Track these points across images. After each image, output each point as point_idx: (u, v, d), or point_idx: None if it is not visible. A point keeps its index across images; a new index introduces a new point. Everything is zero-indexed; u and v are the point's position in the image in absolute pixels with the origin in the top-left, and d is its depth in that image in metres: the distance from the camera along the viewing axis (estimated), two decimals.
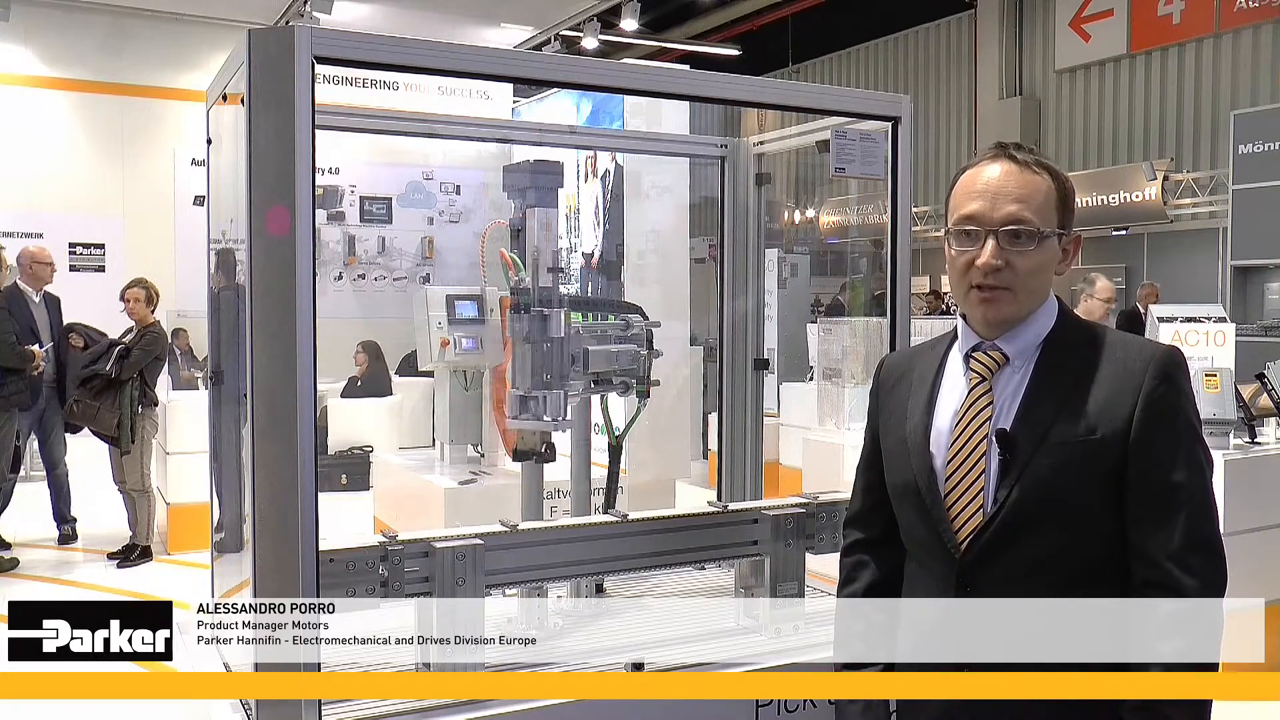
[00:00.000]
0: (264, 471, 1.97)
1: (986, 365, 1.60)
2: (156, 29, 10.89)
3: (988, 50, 16.25)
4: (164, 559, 6.40)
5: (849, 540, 1.83)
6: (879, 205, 13.36)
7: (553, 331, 2.60)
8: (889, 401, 1.74)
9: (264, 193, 1.95)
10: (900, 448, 1.66)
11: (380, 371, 9.10)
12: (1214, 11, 13.55)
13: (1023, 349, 1.60)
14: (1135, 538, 1.52)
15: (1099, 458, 1.51)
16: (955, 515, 1.57)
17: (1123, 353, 1.56)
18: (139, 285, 6.34)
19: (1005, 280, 1.56)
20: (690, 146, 4.04)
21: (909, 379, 1.71)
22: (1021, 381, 1.58)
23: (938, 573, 1.60)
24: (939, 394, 1.66)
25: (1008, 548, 1.53)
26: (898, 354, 1.85)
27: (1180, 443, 1.52)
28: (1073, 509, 1.52)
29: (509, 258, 2.64)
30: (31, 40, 10.60)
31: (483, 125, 4.25)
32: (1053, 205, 1.58)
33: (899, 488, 1.67)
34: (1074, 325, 1.63)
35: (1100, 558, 1.53)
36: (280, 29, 1.97)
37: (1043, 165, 1.60)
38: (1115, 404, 1.52)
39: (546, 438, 2.64)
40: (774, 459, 6.61)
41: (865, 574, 1.77)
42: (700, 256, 7.72)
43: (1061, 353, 1.58)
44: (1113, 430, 1.51)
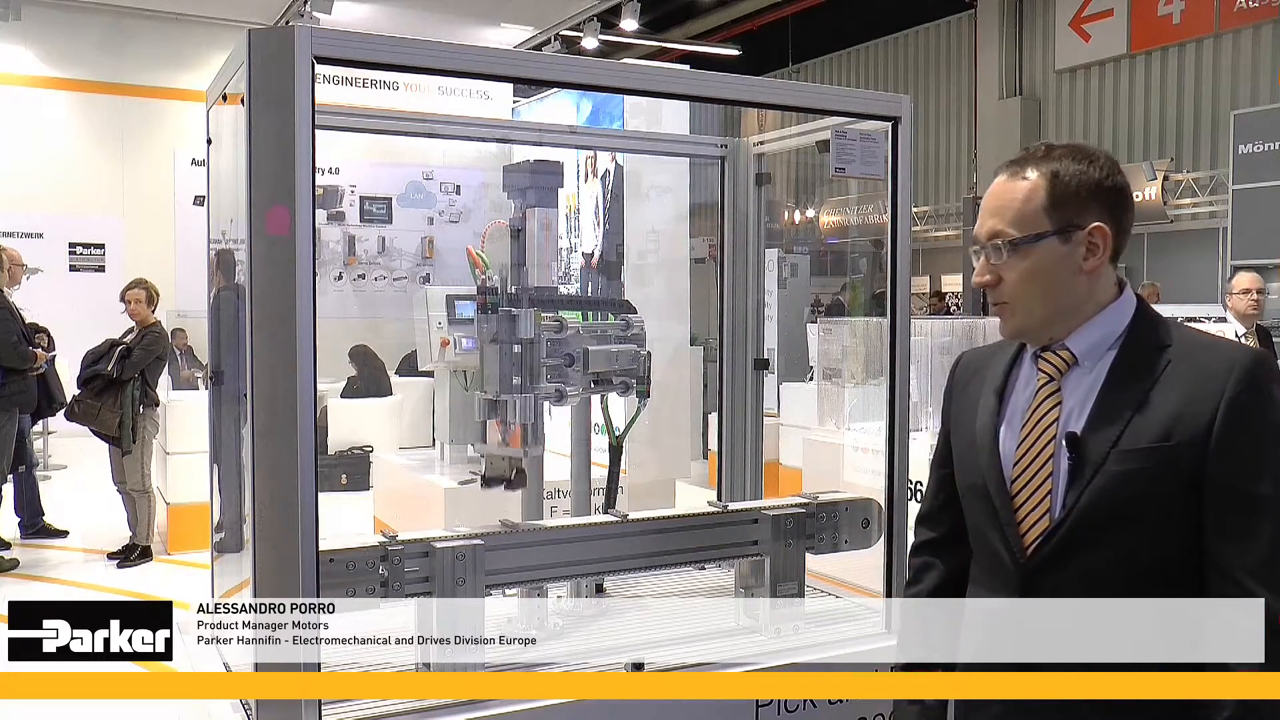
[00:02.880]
0: (264, 471, 1.97)
1: (1055, 365, 1.56)
2: (156, 29, 10.90)
3: (988, 50, 16.26)
4: (164, 559, 6.40)
5: (918, 540, 1.80)
6: (879, 205, 13.37)
7: (522, 332, 2.49)
8: (961, 399, 1.70)
9: (264, 193, 1.95)
10: (969, 448, 1.63)
11: (377, 373, 9.09)
12: (1214, 11, 13.55)
13: (1091, 348, 1.53)
14: (1212, 549, 1.45)
15: (1174, 465, 1.44)
16: (1022, 519, 1.53)
17: (1204, 355, 1.48)
18: (140, 286, 6.34)
19: (1000, 294, 1.55)
20: (690, 146, 4.04)
21: (982, 376, 1.67)
22: (1094, 383, 1.52)
23: (1002, 576, 1.56)
24: (1010, 393, 1.62)
25: (1074, 554, 1.49)
26: (974, 351, 1.79)
27: (1264, 452, 1.44)
28: (1143, 517, 1.46)
29: (475, 255, 2.62)
30: (32, 40, 10.60)
31: (483, 125, 4.25)
32: (1039, 207, 1.51)
33: (967, 488, 1.64)
34: (1151, 325, 1.54)
35: (1171, 569, 1.47)
36: (280, 29, 1.97)
37: (1041, 165, 1.53)
38: (1194, 409, 1.44)
39: (516, 463, 2.54)
40: (774, 459, 6.61)
41: (931, 575, 1.75)
42: (700, 256, 7.72)
43: (1137, 354, 1.51)
44: (1190, 436, 1.43)
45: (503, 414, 2.49)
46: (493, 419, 2.51)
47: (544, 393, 2.53)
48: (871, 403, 4.89)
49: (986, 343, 5.63)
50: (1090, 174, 1.52)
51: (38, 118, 10.61)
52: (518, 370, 2.50)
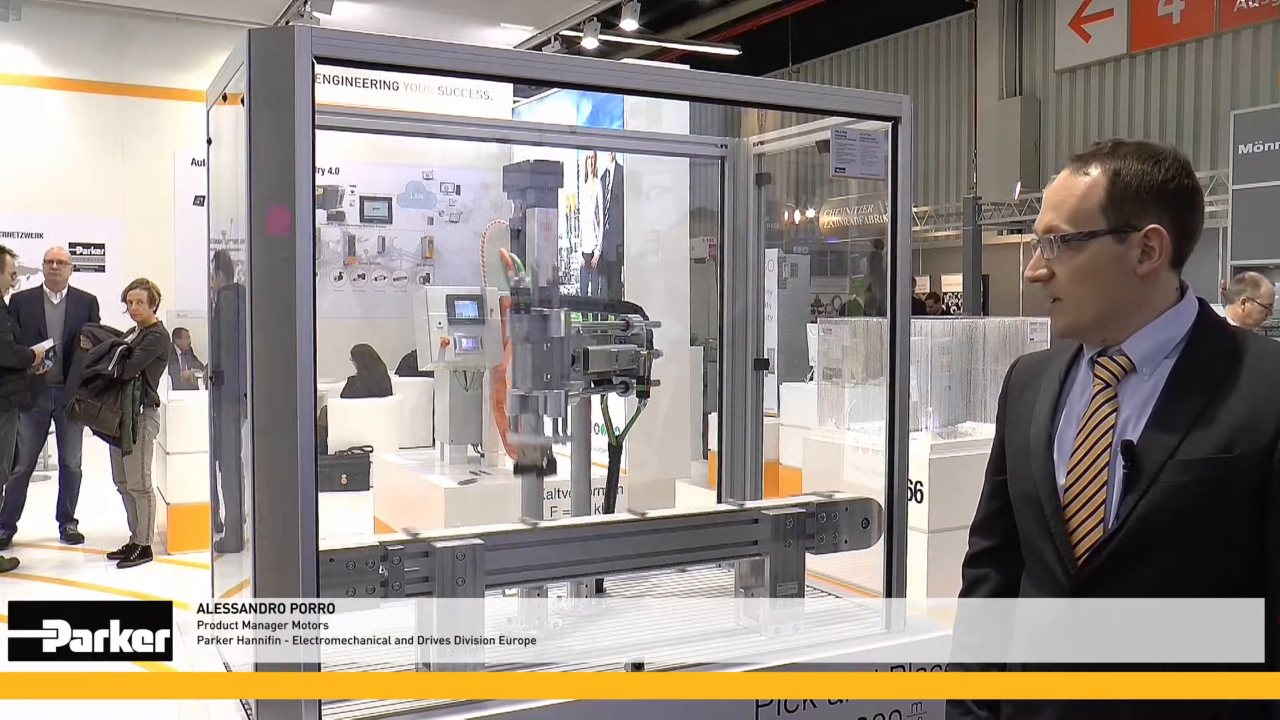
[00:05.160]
0: (264, 471, 1.97)
1: (1112, 371, 1.51)
2: (156, 29, 10.88)
3: (988, 50, 16.25)
4: (164, 559, 6.40)
5: (972, 550, 1.76)
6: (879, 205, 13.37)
7: (553, 331, 2.60)
8: (1017, 405, 1.66)
9: (264, 193, 1.95)
10: (1023, 455, 1.59)
11: (378, 373, 9.10)
12: (1214, 11, 13.55)
13: (1149, 354, 1.49)
14: (1277, 567, 1.40)
15: (1235, 477, 1.38)
16: (1074, 529, 1.49)
17: (1270, 363, 1.43)
18: (141, 286, 6.34)
19: (1054, 290, 1.52)
20: (690, 146, 4.05)
21: (1038, 382, 1.63)
22: (1153, 391, 1.47)
23: (1052, 587, 1.52)
24: (1065, 400, 1.57)
25: (1127, 566, 1.44)
26: (1030, 356, 1.75)
27: None
28: (1201, 530, 1.41)
29: (509, 257, 2.64)
30: (32, 40, 10.60)
31: (483, 125, 4.26)
32: (1097, 205, 1.47)
33: (1020, 496, 1.60)
34: (1214, 331, 1.50)
35: (1229, 586, 1.42)
36: (280, 29, 1.97)
37: (1105, 162, 1.49)
38: (1258, 419, 1.38)
39: (548, 451, 2.64)
40: (774, 459, 6.61)
41: (986, 586, 1.71)
42: (700, 256, 7.72)
43: (1199, 360, 1.46)
44: (1254, 448, 1.38)
45: (533, 408, 2.59)
46: (523, 414, 2.61)
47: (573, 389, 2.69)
48: (871, 403, 4.89)
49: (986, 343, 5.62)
50: (1154, 175, 1.47)
51: (38, 118, 10.59)
52: (547, 367, 2.61)
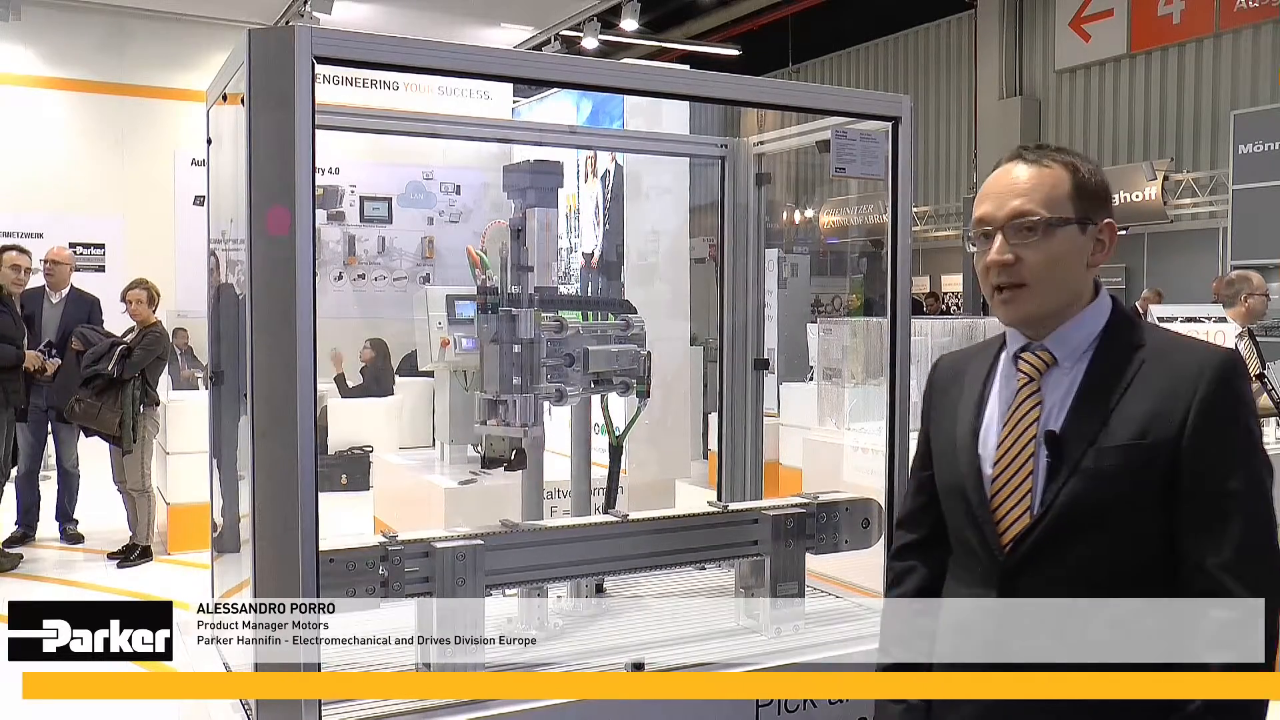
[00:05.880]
0: (264, 471, 1.97)
1: (1035, 366, 1.59)
2: (156, 29, 10.88)
3: (988, 50, 16.25)
4: (164, 559, 6.40)
5: (899, 543, 1.81)
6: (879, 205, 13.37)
7: (522, 333, 2.50)
8: (941, 401, 1.73)
9: (264, 193, 1.94)
10: (949, 448, 1.66)
11: (384, 370, 9.12)
12: (1214, 11, 13.55)
13: (1072, 349, 1.57)
14: (1186, 545, 1.48)
15: (1149, 462, 1.48)
16: (1000, 517, 1.56)
17: (1178, 356, 1.52)
18: (140, 286, 6.34)
19: (1018, 275, 1.55)
20: (690, 146, 4.04)
21: (961, 380, 1.70)
22: (1072, 383, 1.55)
23: (980, 574, 1.59)
24: (989, 395, 1.64)
25: (1052, 551, 1.52)
26: (953, 354, 1.82)
27: (1236, 450, 1.48)
28: (1120, 514, 1.49)
29: (475, 255, 2.61)
30: (32, 40, 10.59)
31: (483, 125, 4.25)
32: (1065, 194, 1.55)
33: (947, 488, 1.67)
34: (1127, 326, 1.59)
35: (1145, 564, 1.50)
36: (280, 29, 1.97)
37: (1058, 158, 1.58)
38: (1167, 408, 1.48)
39: (516, 443, 2.55)
40: (774, 459, 6.61)
41: (913, 578, 1.76)
42: (700, 256, 7.72)
43: (1114, 354, 1.55)
44: (1165, 435, 1.47)
45: (502, 415, 2.49)
46: (492, 419, 2.51)
47: (544, 393, 2.53)
48: (871, 403, 4.89)
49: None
50: (1099, 175, 1.59)
51: (38, 118, 10.59)
52: (518, 370, 2.50)
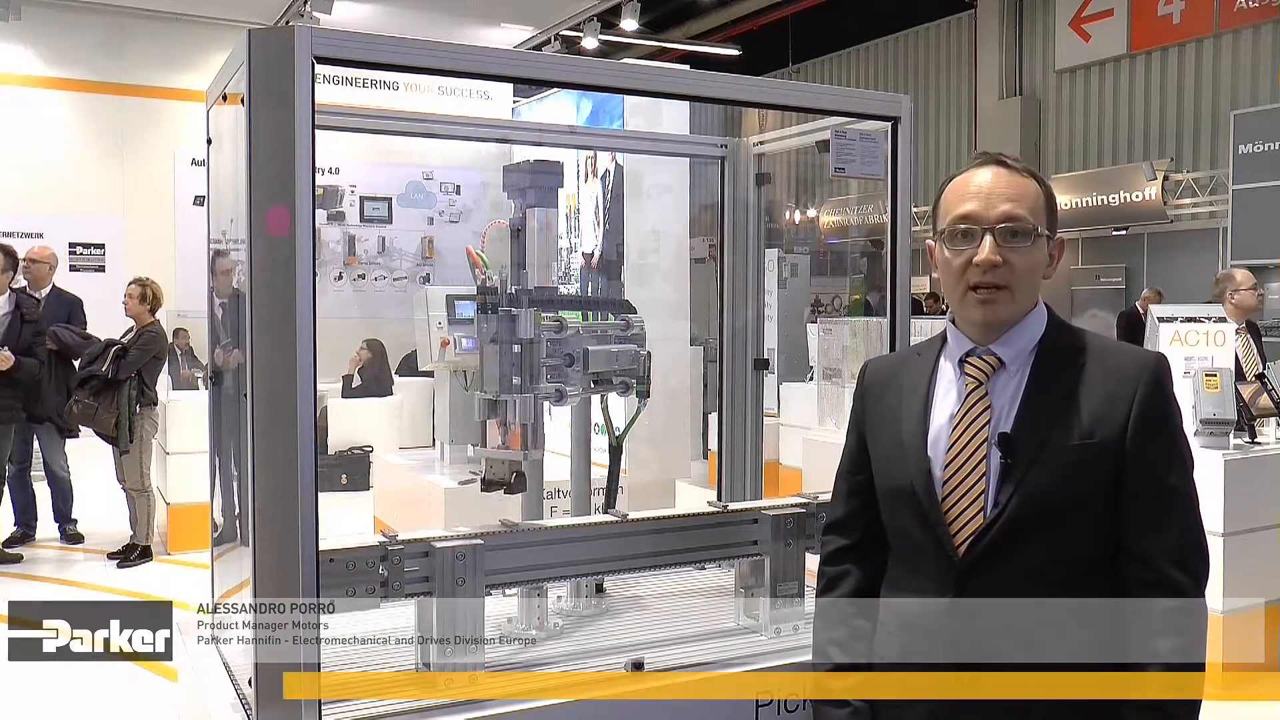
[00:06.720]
0: (264, 471, 1.97)
1: (982, 369, 1.62)
2: (156, 29, 10.89)
3: (988, 50, 16.25)
4: (164, 559, 6.41)
5: (831, 547, 1.82)
6: (879, 205, 13.36)
7: (521, 332, 2.47)
8: (877, 407, 1.74)
9: (264, 193, 1.94)
10: (895, 452, 1.67)
11: (382, 371, 9.11)
12: (1214, 11, 13.54)
13: (1017, 353, 1.62)
14: (1132, 540, 1.55)
15: (1097, 461, 1.53)
16: (954, 519, 1.58)
17: (1116, 359, 1.60)
18: (137, 283, 6.35)
19: (1004, 278, 1.57)
20: (690, 146, 4.04)
21: (897, 384, 1.72)
22: (1019, 386, 1.60)
23: (933, 576, 1.60)
24: (934, 399, 1.66)
25: (1008, 550, 1.54)
26: (883, 359, 1.88)
27: (1172, 446, 1.57)
28: (1072, 512, 1.54)
29: (475, 255, 2.60)
30: (32, 40, 10.60)
31: (483, 125, 4.25)
32: (1041, 208, 1.61)
33: (892, 491, 1.67)
34: (1064, 330, 1.65)
35: (1094, 560, 1.56)
36: (280, 29, 1.97)
37: (1029, 172, 1.64)
38: (1111, 409, 1.55)
39: (516, 467, 2.52)
40: (774, 459, 6.61)
41: (847, 581, 1.77)
42: (700, 256, 7.72)
43: (1057, 357, 1.61)
44: (1110, 435, 1.54)
45: (502, 415, 2.47)
46: (492, 419, 2.50)
47: (544, 393, 2.52)
48: None
49: None
50: (1053, 194, 1.67)
51: (38, 118, 10.60)
52: (517, 370, 2.48)
